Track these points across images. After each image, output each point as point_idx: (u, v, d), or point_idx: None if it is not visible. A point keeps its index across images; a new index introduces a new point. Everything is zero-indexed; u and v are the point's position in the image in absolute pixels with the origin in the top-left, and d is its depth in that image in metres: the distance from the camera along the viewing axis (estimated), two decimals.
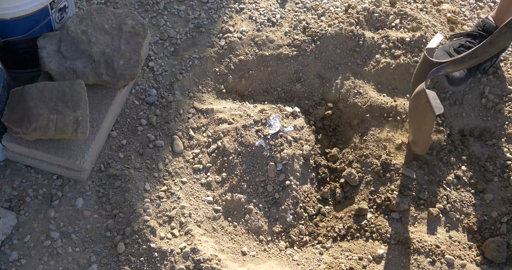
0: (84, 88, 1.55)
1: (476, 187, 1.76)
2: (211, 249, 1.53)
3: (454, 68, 1.47)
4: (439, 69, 1.48)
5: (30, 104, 1.49)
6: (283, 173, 1.68)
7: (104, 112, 1.62)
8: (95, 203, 1.59)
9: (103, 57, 1.61)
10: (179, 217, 1.58)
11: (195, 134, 1.76)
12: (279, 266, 1.56)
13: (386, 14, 2.04)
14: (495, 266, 1.59)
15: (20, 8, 1.49)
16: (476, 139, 1.85)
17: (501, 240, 1.60)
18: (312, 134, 1.85)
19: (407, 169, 1.73)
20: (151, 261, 1.49)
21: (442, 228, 1.67)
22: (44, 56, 1.58)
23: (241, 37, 1.95)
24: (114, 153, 1.67)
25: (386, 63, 1.92)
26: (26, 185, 1.59)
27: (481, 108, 1.89)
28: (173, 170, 1.67)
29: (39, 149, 1.53)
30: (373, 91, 1.90)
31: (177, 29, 1.95)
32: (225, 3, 2.03)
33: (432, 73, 1.49)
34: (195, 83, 1.86)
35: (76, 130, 1.49)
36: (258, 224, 1.64)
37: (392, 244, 1.62)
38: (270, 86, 1.94)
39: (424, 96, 1.45)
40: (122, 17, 1.69)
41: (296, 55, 1.93)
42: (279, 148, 1.71)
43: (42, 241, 1.52)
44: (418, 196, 1.70)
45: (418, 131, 1.65)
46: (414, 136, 1.70)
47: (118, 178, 1.60)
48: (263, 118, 1.75)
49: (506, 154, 1.81)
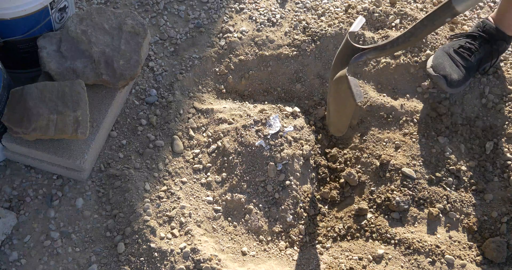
0: (84, 88, 1.55)
1: (476, 187, 1.76)
2: (211, 249, 1.53)
3: (375, 54, 1.45)
4: (361, 55, 1.46)
5: (30, 104, 1.49)
6: (283, 173, 1.68)
7: (104, 112, 1.62)
8: (95, 203, 1.59)
9: (103, 57, 1.61)
10: (179, 217, 1.58)
11: (195, 134, 1.76)
12: (279, 266, 1.56)
13: (386, 14, 2.04)
14: (495, 266, 1.59)
15: (20, 8, 1.49)
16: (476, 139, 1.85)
17: (501, 240, 1.60)
18: (312, 134, 1.85)
19: (407, 169, 1.73)
20: (151, 261, 1.49)
21: (442, 228, 1.67)
22: (44, 56, 1.58)
23: (241, 37, 1.95)
24: (114, 153, 1.67)
25: (386, 63, 1.92)
26: (26, 185, 1.59)
27: (481, 108, 1.89)
28: (173, 170, 1.67)
29: (39, 149, 1.53)
30: (373, 91, 1.90)
31: (177, 29, 1.95)
32: (225, 3, 2.03)
33: (355, 59, 1.47)
34: (195, 83, 1.86)
35: (76, 130, 1.49)
36: (258, 224, 1.64)
37: (392, 244, 1.62)
38: (270, 86, 1.94)
39: (346, 82, 1.43)
40: (122, 17, 1.69)
41: (296, 55, 1.93)
42: (279, 148, 1.71)
43: (42, 241, 1.52)
44: (418, 196, 1.70)
45: (337, 113, 1.62)
46: (333, 117, 1.66)
47: (118, 178, 1.60)
48: (263, 118, 1.75)
49: (506, 154, 1.81)
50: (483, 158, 1.81)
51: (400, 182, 1.71)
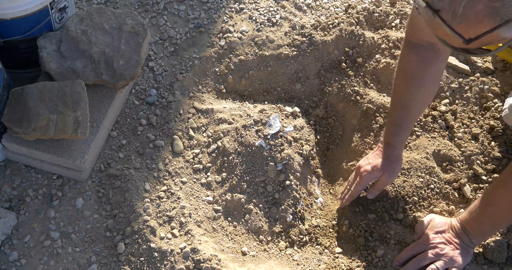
0: (84, 88, 1.55)
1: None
2: (211, 249, 1.53)
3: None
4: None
5: (30, 104, 1.49)
6: (283, 173, 1.68)
7: (104, 112, 1.62)
8: (95, 203, 1.59)
9: (103, 57, 1.61)
10: (179, 217, 1.58)
11: (195, 134, 1.76)
12: (279, 266, 1.56)
13: (386, 14, 2.04)
14: (495, 266, 1.59)
15: (20, 8, 1.49)
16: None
17: (501, 240, 1.59)
18: (312, 134, 1.85)
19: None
20: (151, 261, 1.49)
21: None
22: (44, 56, 1.58)
23: (241, 37, 1.95)
24: (114, 153, 1.67)
25: (386, 63, 1.92)
26: (26, 185, 1.59)
27: (481, 108, 1.89)
28: (173, 170, 1.67)
29: (39, 149, 1.53)
30: (373, 91, 1.90)
31: (177, 29, 1.95)
32: (225, 3, 2.03)
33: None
34: (195, 83, 1.86)
35: (76, 130, 1.49)
36: (258, 224, 1.64)
37: (392, 244, 1.62)
38: (270, 86, 1.94)
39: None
40: (122, 17, 1.69)
41: (296, 55, 1.93)
42: (279, 148, 1.71)
43: (42, 241, 1.52)
44: (418, 195, 1.70)
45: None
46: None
47: (118, 178, 1.60)
48: (263, 118, 1.75)
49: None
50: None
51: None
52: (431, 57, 1.52)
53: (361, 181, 1.62)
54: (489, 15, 0.87)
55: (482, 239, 1.54)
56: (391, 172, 1.61)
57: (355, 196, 1.65)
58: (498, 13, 0.86)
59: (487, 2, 0.86)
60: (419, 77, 1.55)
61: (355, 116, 1.87)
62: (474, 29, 0.90)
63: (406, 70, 1.57)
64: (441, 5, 0.90)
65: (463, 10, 0.88)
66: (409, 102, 1.59)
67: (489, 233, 1.55)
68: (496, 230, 1.58)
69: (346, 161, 1.83)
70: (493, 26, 0.88)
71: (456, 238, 1.53)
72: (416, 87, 1.56)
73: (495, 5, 0.86)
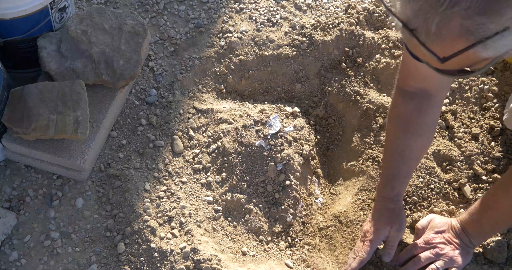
0: (84, 88, 1.55)
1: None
2: (211, 249, 1.53)
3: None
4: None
5: (30, 104, 1.49)
6: (283, 173, 1.68)
7: (104, 112, 1.62)
8: (95, 203, 1.59)
9: (103, 57, 1.61)
10: (179, 217, 1.58)
11: (195, 134, 1.76)
12: (279, 266, 1.56)
13: (386, 14, 2.04)
14: (495, 266, 1.59)
15: (20, 8, 1.49)
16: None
17: (501, 240, 1.59)
18: (312, 134, 1.85)
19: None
20: (151, 261, 1.49)
21: None
22: (44, 56, 1.58)
23: (241, 37, 1.95)
24: (114, 153, 1.67)
25: (386, 63, 1.92)
26: (26, 185, 1.59)
27: (481, 108, 1.89)
28: (173, 170, 1.67)
29: (39, 149, 1.53)
30: (373, 91, 1.90)
31: (177, 29, 1.95)
32: (225, 3, 2.03)
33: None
34: (195, 83, 1.86)
35: (76, 130, 1.49)
36: (258, 224, 1.64)
37: None
38: (270, 86, 1.94)
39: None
40: (122, 17, 1.69)
41: (296, 55, 1.93)
42: (279, 148, 1.71)
43: (42, 241, 1.52)
44: (418, 195, 1.70)
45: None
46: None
47: (118, 178, 1.60)
48: (263, 118, 1.75)
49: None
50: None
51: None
52: (427, 105, 1.48)
53: (371, 244, 1.52)
54: (462, 33, 0.85)
55: (482, 240, 1.54)
56: (399, 224, 1.53)
57: (365, 261, 1.53)
58: (471, 32, 0.84)
59: (460, 20, 0.84)
60: (415, 126, 1.50)
61: (355, 116, 1.87)
62: (448, 48, 0.88)
63: (401, 118, 1.51)
64: (416, 25, 0.89)
65: (436, 29, 0.86)
66: (406, 150, 1.52)
67: (489, 235, 1.55)
68: (496, 232, 1.58)
69: (346, 161, 1.83)
70: (467, 44, 0.86)
71: (456, 238, 1.53)
72: (413, 134, 1.50)
73: (468, 24, 0.84)
